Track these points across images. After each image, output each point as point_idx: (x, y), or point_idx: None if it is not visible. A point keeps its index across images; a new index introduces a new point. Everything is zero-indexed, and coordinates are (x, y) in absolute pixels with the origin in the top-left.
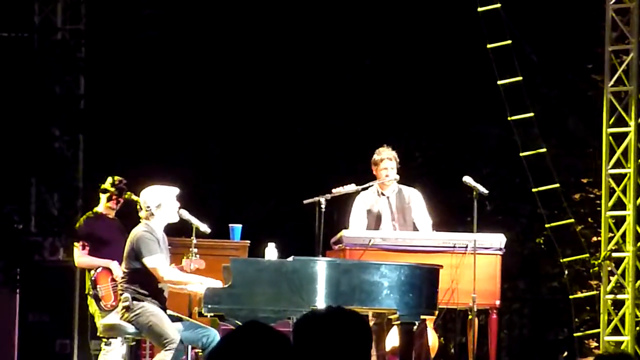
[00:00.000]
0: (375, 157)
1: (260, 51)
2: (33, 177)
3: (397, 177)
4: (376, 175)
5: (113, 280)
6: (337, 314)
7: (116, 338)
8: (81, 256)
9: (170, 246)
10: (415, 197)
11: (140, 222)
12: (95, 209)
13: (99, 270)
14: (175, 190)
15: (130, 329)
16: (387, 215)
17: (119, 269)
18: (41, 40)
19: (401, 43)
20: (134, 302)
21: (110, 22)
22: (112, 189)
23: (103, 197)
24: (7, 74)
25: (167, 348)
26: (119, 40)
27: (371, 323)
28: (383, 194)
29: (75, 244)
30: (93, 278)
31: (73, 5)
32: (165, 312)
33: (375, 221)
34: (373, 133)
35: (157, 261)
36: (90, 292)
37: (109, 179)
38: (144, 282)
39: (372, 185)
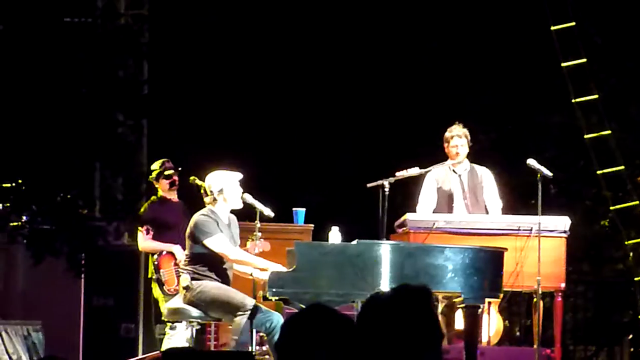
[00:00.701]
0: (447, 134)
1: (317, 34)
2: (97, 162)
3: (464, 157)
4: (447, 152)
5: (176, 264)
6: (403, 292)
7: (181, 322)
8: (145, 240)
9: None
10: (487, 177)
11: (205, 207)
12: (160, 194)
13: (162, 254)
14: (238, 176)
15: (195, 312)
16: (458, 193)
17: (181, 253)
18: (104, 25)
19: (466, 27)
20: (193, 282)
21: (173, 6)
22: (170, 172)
23: (163, 182)
24: (71, 60)
25: (239, 313)
26: (181, 25)
27: (441, 305)
28: (455, 172)
29: (140, 228)
30: (156, 262)
31: None
32: None
33: (446, 199)
34: (438, 116)
35: (220, 241)
36: (154, 277)
37: (157, 164)
38: (205, 263)
39: (437, 167)
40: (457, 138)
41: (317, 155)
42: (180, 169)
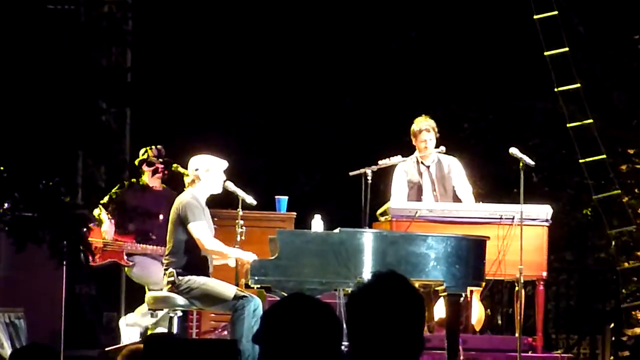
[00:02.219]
0: (413, 127)
1: (303, 22)
2: (80, 149)
3: (443, 148)
4: (415, 145)
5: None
6: (386, 278)
7: (163, 310)
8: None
9: (215, 218)
10: (454, 166)
11: (184, 190)
12: (143, 181)
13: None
14: (224, 163)
15: (181, 300)
16: (427, 185)
17: (108, 231)
18: (88, 13)
19: (447, 15)
20: (179, 276)
21: None
22: (153, 159)
23: (146, 169)
24: (54, 47)
25: (237, 308)
26: (165, 13)
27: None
28: (423, 164)
29: (107, 214)
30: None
31: None
32: None
33: (416, 191)
34: (420, 104)
35: (201, 229)
36: None
37: (146, 151)
38: (188, 254)
39: (407, 159)
40: (426, 132)
41: (299, 143)
42: (166, 159)
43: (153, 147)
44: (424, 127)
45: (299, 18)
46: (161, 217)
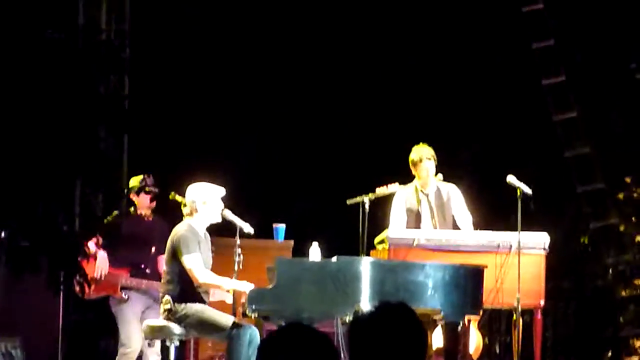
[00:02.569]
0: (414, 157)
1: (301, 50)
2: (78, 177)
3: (441, 175)
4: (415, 174)
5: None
6: (387, 309)
7: (160, 339)
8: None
9: (213, 246)
10: (454, 193)
11: (182, 220)
12: (132, 210)
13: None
14: (221, 191)
15: (177, 329)
16: (426, 213)
17: (102, 262)
18: (86, 40)
19: (445, 42)
20: (176, 304)
21: (155, 22)
22: (151, 188)
23: (144, 197)
24: (52, 75)
25: (232, 337)
26: (162, 40)
27: None
28: (422, 192)
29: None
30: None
31: (117, 6)
32: None
33: (415, 219)
34: (417, 131)
35: (194, 262)
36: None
37: (137, 180)
38: (185, 283)
39: (406, 187)
40: (427, 161)
41: (297, 171)
42: (153, 189)
43: (142, 175)
44: (425, 155)
45: (296, 45)
46: (153, 249)
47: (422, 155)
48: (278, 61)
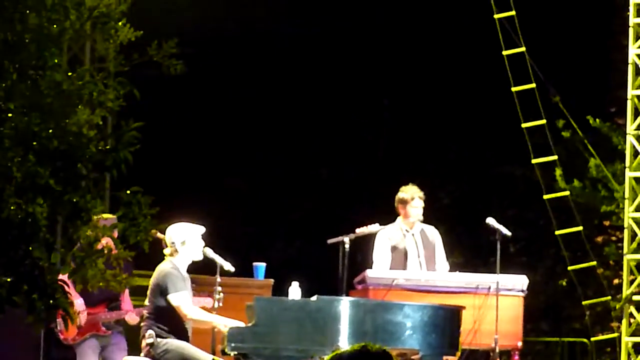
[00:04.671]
0: (404, 195)
1: (283, 94)
2: (59, 214)
3: (421, 217)
4: (403, 212)
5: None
6: (364, 354)
7: None
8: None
9: (194, 284)
10: (437, 237)
11: (164, 259)
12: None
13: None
14: (201, 229)
15: None
16: (413, 252)
17: (80, 308)
18: (70, 79)
19: (423, 83)
20: (158, 339)
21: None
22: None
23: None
24: (34, 112)
25: None
26: (145, 78)
27: None
28: (408, 231)
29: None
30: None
31: (101, 45)
32: None
33: (401, 258)
34: (397, 174)
35: (182, 298)
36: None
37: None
38: (167, 319)
39: (390, 226)
40: (418, 199)
41: (278, 210)
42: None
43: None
44: (417, 194)
45: (278, 91)
46: None
47: (414, 194)
48: (259, 103)
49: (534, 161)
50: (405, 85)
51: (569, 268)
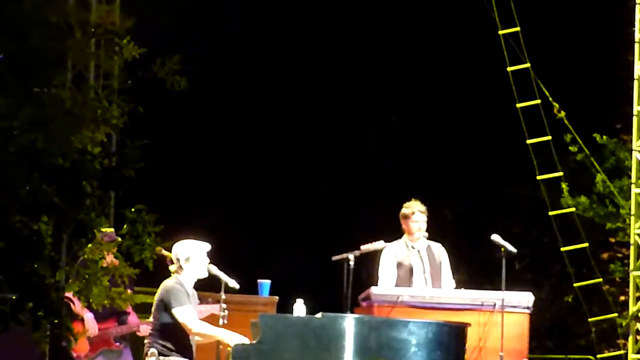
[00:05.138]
0: (405, 210)
1: (287, 110)
2: (65, 233)
3: (426, 234)
4: (406, 228)
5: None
6: None
7: None
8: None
9: (199, 301)
10: (444, 254)
11: (169, 276)
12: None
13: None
14: (206, 246)
15: None
16: (419, 268)
17: (91, 322)
18: (73, 96)
19: (428, 100)
20: (161, 357)
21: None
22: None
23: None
24: (39, 129)
25: None
26: (149, 94)
27: None
28: (413, 247)
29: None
30: None
31: (106, 63)
32: None
33: (406, 274)
34: (402, 190)
35: (187, 313)
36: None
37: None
38: (171, 336)
39: (394, 243)
40: (419, 214)
41: (282, 227)
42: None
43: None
44: (417, 208)
45: (282, 106)
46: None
47: (415, 208)
48: (263, 118)
49: (539, 177)
50: (411, 101)
51: (575, 285)
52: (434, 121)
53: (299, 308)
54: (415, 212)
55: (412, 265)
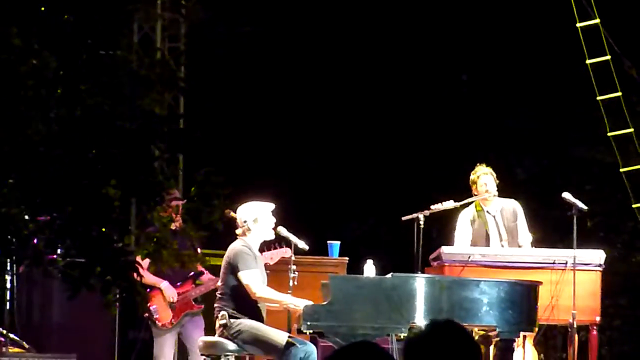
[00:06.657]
0: (472, 176)
1: (355, 71)
2: (133, 196)
3: (496, 193)
4: (476, 193)
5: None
6: (444, 327)
7: (217, 356)
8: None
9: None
10: (519, 210)
11: (237, 239)
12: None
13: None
14: (270, 206)
15: (231, 346)
16: (495, 235)
17: (169, 290)
18: (141, 59)
19: (499, 59)
20: (231, 319)
21: (209, 41)
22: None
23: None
24: (107, 94)
25: (287, 356)
26: (217, 59)
27: (476, 337)
28: (489, 213)
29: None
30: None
31: (172, 25)
32: None
33: (483, 241)
34: (473, 150)
35: (252, 277)
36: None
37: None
38: (240, 298)
39: (472, 202)
40: (484, 176)
41: (352, 188)
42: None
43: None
44: (482, 172)
45: (349, 68)
46: None
47: (479, 172)
48: (334, 83)
49: (610, 134)
50: (481, 59)
51: None
52: (505, 80)
53: (369, 269)
54: (480, 176)
55: (488, 232)
